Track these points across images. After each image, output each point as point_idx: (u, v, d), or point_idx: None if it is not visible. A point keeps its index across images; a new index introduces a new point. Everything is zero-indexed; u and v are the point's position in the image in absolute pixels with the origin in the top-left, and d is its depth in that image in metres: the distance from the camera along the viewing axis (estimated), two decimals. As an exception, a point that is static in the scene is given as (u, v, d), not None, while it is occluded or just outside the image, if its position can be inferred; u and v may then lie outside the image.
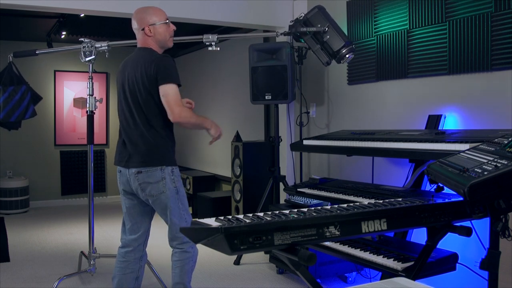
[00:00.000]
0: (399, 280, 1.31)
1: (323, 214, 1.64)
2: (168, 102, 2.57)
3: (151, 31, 2.70)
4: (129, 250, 2.84)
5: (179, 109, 2.57)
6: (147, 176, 2.64)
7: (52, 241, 5.11)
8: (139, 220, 2.83)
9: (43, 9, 3.99)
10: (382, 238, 2.54)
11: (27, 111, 4.00)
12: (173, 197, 2.68)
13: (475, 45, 2.99)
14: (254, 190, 4.96)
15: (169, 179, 2.67)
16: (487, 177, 1.59)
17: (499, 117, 2.91)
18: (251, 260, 4.27)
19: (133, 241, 2.83)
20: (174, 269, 2.76)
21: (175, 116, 2.56)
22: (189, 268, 2.77)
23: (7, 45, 6.59)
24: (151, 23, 2.69)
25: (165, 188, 2.66)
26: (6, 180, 6.78)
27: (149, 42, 2.73)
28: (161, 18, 2.72)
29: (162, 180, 2.65)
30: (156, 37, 2.71)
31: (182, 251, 2.74)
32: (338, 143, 3.21)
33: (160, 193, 2.66)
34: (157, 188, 2.65)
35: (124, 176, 2.73)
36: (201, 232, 1.53)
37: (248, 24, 4.74)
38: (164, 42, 2.75)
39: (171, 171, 2.69)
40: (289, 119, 4.75)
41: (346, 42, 3.21)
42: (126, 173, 2.71)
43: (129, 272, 2.83)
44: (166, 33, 2.75)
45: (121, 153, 2.75)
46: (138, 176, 2.65)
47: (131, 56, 2.79)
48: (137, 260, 2.86)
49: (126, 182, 2.73)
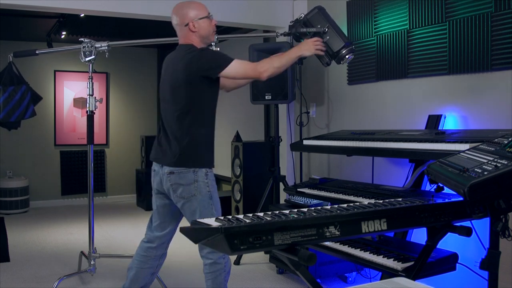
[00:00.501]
0: (399, 280, 1.31)
1: (323, 214, 1.64)
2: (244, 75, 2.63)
3: (195, 26, 2.63)
4: (152, 246, 2.80)
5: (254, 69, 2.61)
6: (179, 178, 2.57)
7: (52, 241, 5.11)
8: (168, 220, 2.78)
9: (43, 9, 3.99)
10: (382, 238, 2.54)
11: (27, 111, 4.00)
12: (205, 201, 2.59)
13: (475, 45, 2.99)
14: (254, 190, 4.96)
15: (202, 182, 2.58)
16: (487, 177, 1.59)
17: (499, 117, 2.91)
18: (251, 260, 4.27)
19: (157, 239, 2.79)
20: (206, 282, 2.69)
21: (260, 76, 2.60)
22: (222, 280, 2.67)
23: (7, 45, 6.59)
24: (195, 18, 2.63)
25: (196, 191, 2.57)
26: (6, 180, 6.78)
27: (192, 38, 2.66)
28: (204, 13, 2.67)
29: (194, 183, 2.57)
30: (200, 32, 2.65)
31: (213, 262, 2.63)
32: (338, 143, 3.21)
33: (191, 196, 2.57)
34: (189, 191, 2.57)
35: (158, 176, 2.68)
36: (201, 232, 1.53)
37: (248, 24, 4.74)
38: (208, 37, 2.70)
39: (205, 174, 2.60)
40: (289, 119, 4.75)
41: (346, 43, 3.21)
42: (160, 172, 2.66)
43: (147, 267, 2.80)
44: (210, 28, 2.70)
45: (157, 149, 2.70)
46: (170, 176, 2.58)
47: (173, 52, 2.74)
48: (157, 257, 2.82)
49: (160, 182, 2.68)
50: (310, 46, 2.77)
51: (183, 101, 2.58)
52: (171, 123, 2.63)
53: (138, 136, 7.81)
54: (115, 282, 3.75)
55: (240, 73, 2.60)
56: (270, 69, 2.62)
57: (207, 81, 2.58)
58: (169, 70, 2.68)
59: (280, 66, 2.67)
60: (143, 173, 7.00)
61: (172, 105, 2.63)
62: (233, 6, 4.50)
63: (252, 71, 2.61)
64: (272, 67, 2.63)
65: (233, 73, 2.58)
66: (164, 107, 2.71)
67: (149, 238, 2.82)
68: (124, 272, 3.98)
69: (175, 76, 2.61)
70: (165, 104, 2.70)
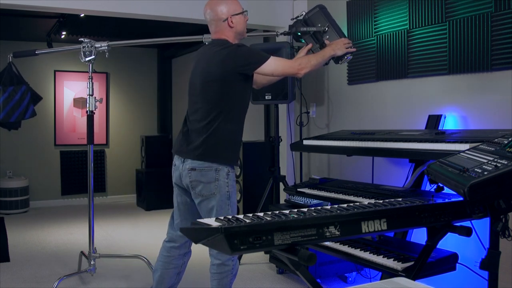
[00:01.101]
0: (399, 280, 1.31)
1: (323, 214, 1.64)
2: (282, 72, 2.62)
3: (233, 21, 2.64)
4: (175, 245, 2.77)
5: (292, 66, 2.61)
6: (200, 175, 2.54)
7: (52, 241, 5.11)
8: (189, 217, 2.73)
9: (43, 9, 3.99)
10: (382, 238, 2.54)
11: (27, 111, 4.00)
12: (223, 202, 2.57)
13: (475, 45, 2.99)
14: (254, 190, 4.96)
15: (223, 182, 2.56)
16: (487, 177, 1.59)
17: (499, 117, 2.91)
18: (251, 260, 4.27)
19: (180, 237, 2.75)
20: (212, 282, 2.67)
21: (298, 73, 2.62)
22: (228, 282, 2.65)
23: (7, 45, 6.59)
24: (233, 13, 2.64)
25: (216, 190, 2.55)
26: (6, 180, 6.78)
27: (227, 33, 2.65)
28: (240, 9, 2.69)
29: (215, 182, 2.54)
30: (236, 27, 2.66)
31: (221, 263, 2.61)
32: (338, 143, 3.21)
33: (210, 194, 2.55)
34: (208, 189, 2.54)
35: (178, 171, 2.65)
36: (201, 232, 1.53)
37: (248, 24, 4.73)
38: (242, 32, 2.72)
39: (226, 173, 2.58)
40: (289, 119, 4.75)
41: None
42: (180, 168, 2.62)
43: (172, 267, 2.77)
44: (245, 24, 2.72)
45: (181, 142, 2.67)
46: (191, 173, 2.55)
47: (206, 46, 2.72)
48: (181, 256, 2.79)
49: (179, 177, 2.65)
50: (342, 46, 2.78)
51: (215, 96, 2.56)
52: (199, 117, 2.60)
53: (138, 136, 7.81)
54: (115, 282, 3.75)
55: (279, 70, 2.61)
56: (308, 66, 2.63)
57: (243, 77, 2.57)
58: (202, 64, 2.64)
59: (317, 64, 2.70)
60: (143, 173, 7.01)
61: (201, 99, 2.60)
62: (233, 6, 4.49)
63: (290, 68, 2.62)
64: (310, 65, 2.65)
65: (271, 70, 2.58)
66: (193, 100, 2.68)
67: (171, 237, 2.78)
68: (124, 272, 3.99)
69: (208, 71, 2.58)
70: (194, 98, 2.66)
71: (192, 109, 2.67)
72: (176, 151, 2.71)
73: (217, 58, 2.56)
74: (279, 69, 2.60)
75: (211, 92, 2.57)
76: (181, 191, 2.71)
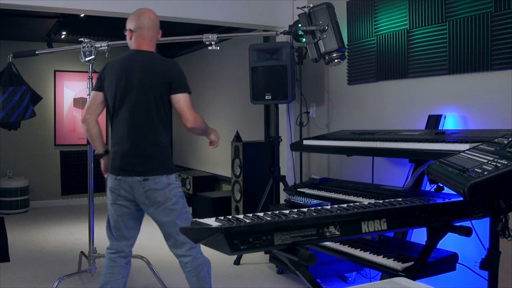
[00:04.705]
0: (399, 280, 1.31)
1: (323, 214, 1.64)
2: (184, 109, 2.60)
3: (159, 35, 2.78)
4: (121, 255, 2.78)
5: (195, 115, 2.62)
6: (154, 183, 2.58)
7: (52, 241, 5.11)
8: (133, 225, 2.77)
9: (43, 9, 3.99)
10: (382, 238, 2.54)
11: (27, 111, 4.00)
12: (180, 202, 2.66)
13: (475, 45, 2.99)
14: (254, 190, 4.96)
15: (174, 185, 2.64)
16: (487, 177, 1.58)
17: (499, 117, 2.91)
18: (251, 260, 4.27)
19: (125, 247, 2.79)
20: (190, 279, 2.70)
21: (192, 122, 2.61)
22: (206, 272, 2.70)
23: (7, 45, 6.59)
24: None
25: (171, 194, 2.62)
26: (6, 180, 6.78)
27: (153, 46, 2.75)
28: None
29: (168, 186, 2.61)
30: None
31: (192, 258, 2.67)
32: (338, 143, 3.21)
33: (166, 200, 2.61)
34: (164, 195, 2.60)
35: (126, 184, 2.61)
36: (201, 232, 1.53)
37: (248, 24, 4.74)
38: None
39: (175, 177, 2.68)
40: (289, 119, 4.75)
41: (340, 48, 3.21)
42: (129, 180, 2.61)
43: (120, 277, 2.78)
44: None
45: (122, 161, 2.62)
46: (144, 183, 2.58)
47: (132, 57, 2.69)
48: (126, 265, 2.82)
49: (129, 189, 2.62)
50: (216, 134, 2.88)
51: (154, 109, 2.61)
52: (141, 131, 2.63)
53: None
54: (115, 282, 3.75)
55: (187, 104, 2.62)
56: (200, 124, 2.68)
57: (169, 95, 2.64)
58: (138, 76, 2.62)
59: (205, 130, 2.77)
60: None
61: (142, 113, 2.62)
62: (233, 6, 4.50)
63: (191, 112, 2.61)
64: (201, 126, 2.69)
65: (185, 100, 2.62)
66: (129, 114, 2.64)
67: (117, 249, 2.78)
68: (124, 272, 3.98)
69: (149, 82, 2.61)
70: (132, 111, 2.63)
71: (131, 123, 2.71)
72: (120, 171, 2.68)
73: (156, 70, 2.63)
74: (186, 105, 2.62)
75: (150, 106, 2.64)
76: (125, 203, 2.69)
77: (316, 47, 3.29)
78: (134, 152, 2.61)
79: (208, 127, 2.80)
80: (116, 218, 2.72)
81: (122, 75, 2.65)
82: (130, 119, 2.63)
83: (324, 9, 3.15)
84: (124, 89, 2.63)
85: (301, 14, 3.40)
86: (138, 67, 2.63)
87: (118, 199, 2.68)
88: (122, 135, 2.66)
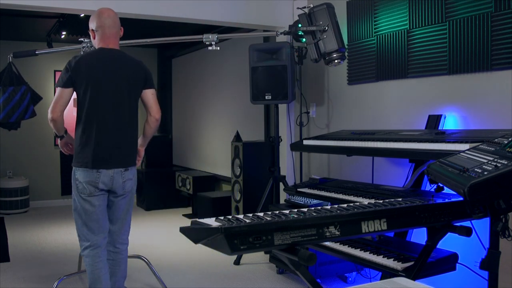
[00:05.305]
0: (399, 280, 1.31)
1: (323, 214, 1.64)
2: (155, 102, 2.88)
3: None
4: (101, 249, 2.80)
5: (158, 107, 2.90)
6: (131, 173, 2.81)
7: (52, 241, 5.11)
8: (106, 216, 2.86)
9: (43, 9, 3.99)
10: (382, 238, 2.55)
11: (27, 111, 4.00)
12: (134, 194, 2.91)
13: (475, 45, 2.99)
14: (254, 190, 4.96)
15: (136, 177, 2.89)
16: (487, 177, 1.58)
17: (499, 117, 2.91)
18: (251, 260, 4.27)
19: (103, 239, 2.82)
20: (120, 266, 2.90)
21: (159, 114, 2.89)
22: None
23: (7, 45, 6.59)
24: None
25: (134, 185, 2.88)
26: (6, 180, 6.78)
27: (118, 43, 2.88)
28: None
29: (134, 177, 2.86)
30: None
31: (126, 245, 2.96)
32: (338, 143, 3.21)
33: (132, 189, 2.85)
34: (133, 184, 2.85)
35: (106, 176, 2.71)
36: (201, 232, 1.53)
37: (248, 24, 4.74)
38: None
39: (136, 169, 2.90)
40: (289, 119, 4.75)
41: (340, 48, 3.22)
42: (110, 172, 2.72)
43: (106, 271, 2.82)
44: None
45: (105, 155, 2.72)
46: (125, 173, 2.77)
47: (103, 54, 2.78)
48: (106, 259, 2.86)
49: (108, 181, 2.72)
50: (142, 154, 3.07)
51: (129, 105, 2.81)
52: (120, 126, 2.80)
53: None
54: (115, 282, 3.75)
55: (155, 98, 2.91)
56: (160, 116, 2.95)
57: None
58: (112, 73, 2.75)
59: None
60: (143, 173, 7.00)
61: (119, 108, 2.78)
62: (233, 6, 4.50)
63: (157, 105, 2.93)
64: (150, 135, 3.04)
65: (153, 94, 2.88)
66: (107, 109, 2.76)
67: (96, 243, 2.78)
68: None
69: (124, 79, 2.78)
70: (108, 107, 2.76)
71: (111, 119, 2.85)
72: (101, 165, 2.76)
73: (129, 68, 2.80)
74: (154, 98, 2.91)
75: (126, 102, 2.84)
76: (102, 193, 2.78)
77: (316, 47, 3.30)
78: (119, 146, 2.78)
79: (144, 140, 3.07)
80: (95, 210, 2.76)
81: (99, 72, 2.72)
82: (113, 115, 2.76)
83: (324, 9, 3.16)
84: (105, 86, 2.73)
85: (301, 14, 3.41)
86: (116, 65, 2.77)
87: (95, 192, 2.74)
88: (103, 130, 2.74)
